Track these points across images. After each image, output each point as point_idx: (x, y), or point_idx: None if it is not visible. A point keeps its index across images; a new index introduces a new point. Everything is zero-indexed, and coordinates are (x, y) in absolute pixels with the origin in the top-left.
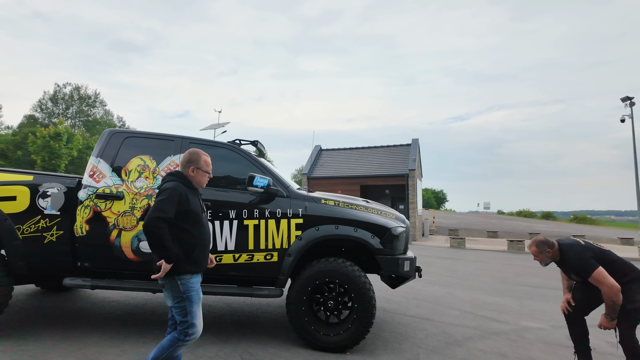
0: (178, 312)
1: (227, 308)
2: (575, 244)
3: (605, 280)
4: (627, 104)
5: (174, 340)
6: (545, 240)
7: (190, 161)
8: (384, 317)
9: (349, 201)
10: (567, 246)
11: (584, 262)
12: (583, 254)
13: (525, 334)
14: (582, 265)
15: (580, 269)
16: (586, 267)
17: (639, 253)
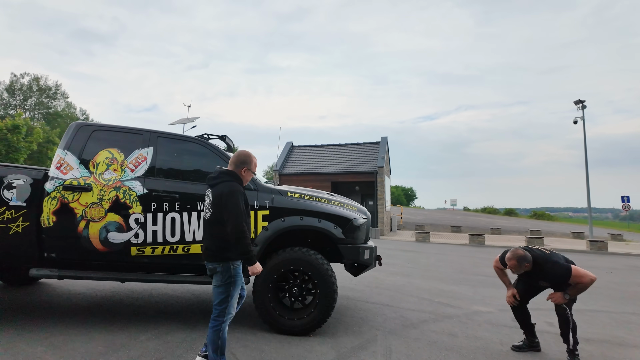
0: (221, 292)
1: (194, 298)
2: (550, 256)
3: (583, 275)
4: (579, 106)
5: (216, 327)
6: (524, 256)
7: (244, 162)
8: (347, 304)
9: (313, 194)
10: (542, 259)
11: (562, 270)
12: (558, 263)
13: (475, 317)
14: (562, 274)
15: (560, 277)
16: (565, 272)
17: (586, 246)
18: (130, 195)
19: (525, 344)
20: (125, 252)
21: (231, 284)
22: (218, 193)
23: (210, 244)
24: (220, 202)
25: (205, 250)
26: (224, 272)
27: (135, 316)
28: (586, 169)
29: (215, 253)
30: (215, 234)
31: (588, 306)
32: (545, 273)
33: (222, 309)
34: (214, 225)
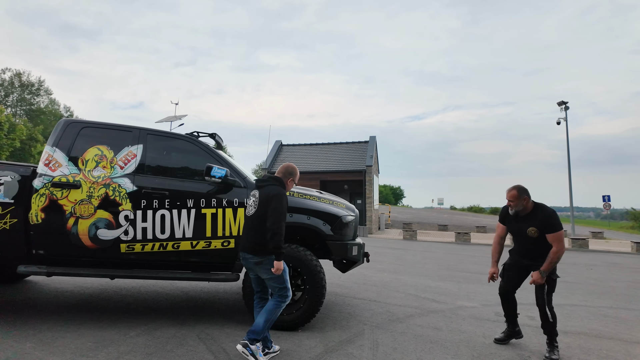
0: (276, 281)
1: (184, 295)
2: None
3: (562, 240)
4: (562, 108)
5: (277, 303)
6: (525, 189)
7: (291, 174)
8: (335, 300)
9: (303, 192)
10: (542, 204)
11: (556, 219)
12: (557, 215)
13: (459, 311)
14: (554, 221)
15: (551, 223)
16: (557, 224)
17: (568, 243)
18: (120, 192)
19: (506, 335)
20: (115, 249)
21: (283, 271)
22: (266, 193)
23: (257, 238)
24: (268, 201)
25: (249, 244)
26: (270, 262)
27: (124, 313)
28: (569, 169)
29: (261, 247)
30: (260, 230)
31: (568, 301)
32: (541, 216)
33: (285, 293)
34: (259, 222)
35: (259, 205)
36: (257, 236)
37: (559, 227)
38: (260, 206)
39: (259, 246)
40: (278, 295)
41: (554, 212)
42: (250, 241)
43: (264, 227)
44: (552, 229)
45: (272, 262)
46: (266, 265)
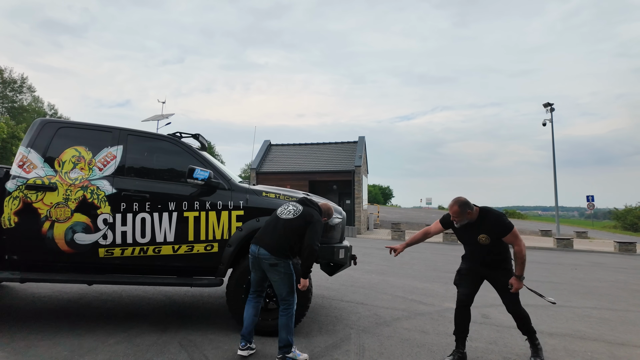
0: (287, 284)
1: (167, 300)
2: (494, 209)
3: (520, 237)
4: (548, 109)
5: (287, 314)
6: (467, 202)
7: (329, 215)
8: (322, 303)
9: (289, 194)
10: (487, 208)
11: (505, 220)
12: (504, 216)
13: (446, 313)
14: (504, 223)
15: (501, 226)
16: (506, 224)
17: (553, 243)
18: (99, 195)
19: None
20: (93, 254)
21: (292, 275)
22: (311, 213)
23: (282, 241)
24: (310, 220)
25: (272, 242)
26: (285, 267)
27: (103, 319)
28: (554, 170)
29: (282, 251)
30: (287, 237)
31: None
32: (488, 222)
33: (292, 299)
34: (292, 231)
35: (298, 217)
36: (282, 240)
37: (510, 226)
38: (299, 219)
39: (281, 249)
40: (285, 304)
41: (500, 215)
42: (275, 241)
43: (292, 236)
44: (504, 231)
45: (287, 266)
46: (280, 269)
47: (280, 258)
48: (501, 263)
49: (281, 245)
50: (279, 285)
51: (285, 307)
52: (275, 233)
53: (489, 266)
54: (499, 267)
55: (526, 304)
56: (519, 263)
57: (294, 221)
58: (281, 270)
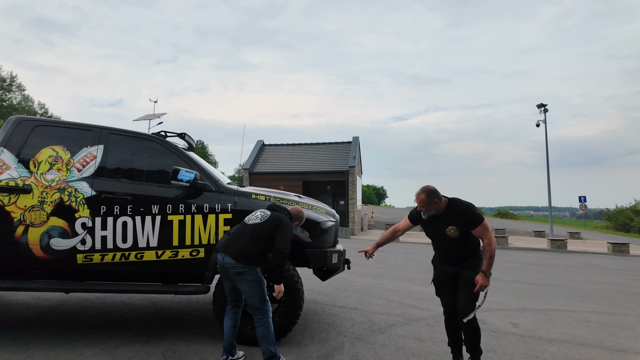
0: (257, 293)
1: (152, 307)
2: (463, 200)
3: (490, 231)
4: (541, 110)
5: (263, 325)
6: (435, 190)
7: (300, 219)
8: (315, 308)
9: (280, 196)
10: (456, 199)
11: (475, 211)
12: (473, 206)
13: (441, 319)
14: (474, 214)
15: (470, 217)
16: (476, 215)
17: (547, 244)
18: (77, 197)
19: None
20: (71, 260)
21: (261, 282)
22: (279, 217)
23: (247, 246)
24: (279, 224)
25: (237, 248)
26: (252, 274)
27: (84, 328)
28: (547, 171)
29: (249, 258)
30: (254, 241)
31: (550, 305)
32: (457, 213)
33: (265, 308)
34: (260, 237)
35: (266, 222)
36: (248, 244)
37: (480, 218)
38: (266, 223)
39: (246, 253)
40: (258, 314)
41: (469, 205)
42: (240, 246)
43: (259, 241)
44: (475, 222)
45: (255, 272)
46: (247, 277)
47: (246, 266)
48: (470, 258)
49: (248, 252)
50: (248, 295)
51: (260, 316)
52: (240, 239)
53: (458, 263)
54: (466, 262)
55: (523, 308)
56: (487, 257)
57: (261, 225)
58: (248, 278)
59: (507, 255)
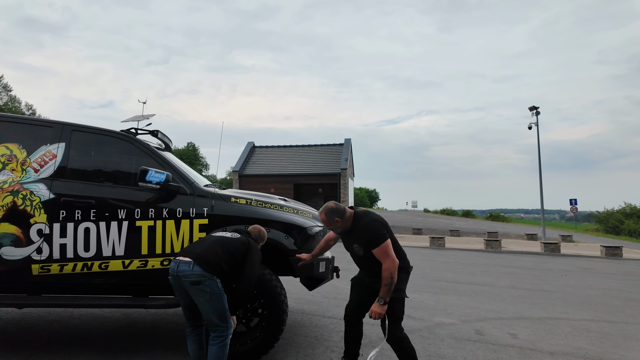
0: (216, 307)
1: (125, 319)
2: (372, 213)
3: (390, 254)
4: (533, 112)
5: (222, 342)
6: (335, 209)
7: (262, 239)
8: (302, 319)
9: (262, 199)
10: (362, 212)
11: (378, 230)
12: (378, 223)
13: (437, 330)
14: (374, 233)
15: (372, 236)
16: (377, 235)
17: (540, 248)
18: (32, 200)
19: None
20: (25, 271)
21: (221, 295)
22: (246, 241)
23: (213, 253)
24: (249, 249)
25: (203, 253)
26: (211, 285)
27: (45, 346)
28: (540, 172)
29: (212, 264)
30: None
31: (549, 313)
32: (360, 230)
33: (225, 326)
34: (227, 249)
35: (236, 240)
36: (213, 249)
37: (381, 239)
38: (237, 241)
39: (210, 258)
40: (217, 331)
41: (372, 222)
42: (204, 249)
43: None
44: (374, 242)
45: (215, 284)
46: (205, 287)
47: (206, 273)
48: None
49: (212, 258)
50: (206, 310)
51: (217, 334)
52: (204, 243)
53: (373, 277)
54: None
55: (521, 316)
56: (383, 283)
57: (230, 240)
58: (206, 289)
59: (501, 259)
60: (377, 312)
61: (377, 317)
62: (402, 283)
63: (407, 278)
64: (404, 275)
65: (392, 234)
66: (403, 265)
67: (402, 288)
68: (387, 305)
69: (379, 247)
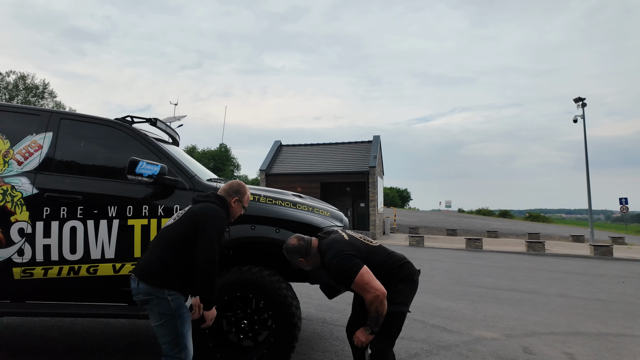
0: (167, 331)
1: (128, 327)
2: (335, 243)
3: (370, 286)
4: (579, 104)
5: None
6: (296, 247)
7: (237, 192)
8: (322, 330)
9: (272, 195)
10: (326, 245)
11: (344, 264)
12: (342, 255)
13: (477, 346)
14: (342, 269)
15: (340, 273)
16: (347, 271)
17: (589, 250)
18: (14, 196)
19: None
20: (6, 275)
21: (173, 317)
22: (201, 208)
23: (153, 260)
24: (197, 222)
25: (144, 265)
26: (160, 305)
27: (37, 355)
28: (587, 168)
29: (154, 276)
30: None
31: (609, 328)
32: (327, 268)
33: (178, 355)
34: (171, 243)
35: (181, 219)
36: (153, 254)
37: (352, 272)
38: (182, 222)
39: (151, 268)
40: (171, 358)
41: (335, 256)
42: (146, 260)
43: (169, 249)
44: (346, 278)
45: (165, 303)
46: (154, 307)
47: (153, 289)
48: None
49: (152, 267)
50: (157, 333)
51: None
52: (152, 251)
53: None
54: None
55: (576, 331)
56: (370, 315)
57: (172, 228)
58: (155, 310)
59: (545, 263)
60: (361, 340)
61: (360, 344)
62: (402, 295)
63: (411, 287)
64: (404, 286)
65: (372, 251)
66: (403, 276)
67: (402, 301)
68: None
69: (354, 282)
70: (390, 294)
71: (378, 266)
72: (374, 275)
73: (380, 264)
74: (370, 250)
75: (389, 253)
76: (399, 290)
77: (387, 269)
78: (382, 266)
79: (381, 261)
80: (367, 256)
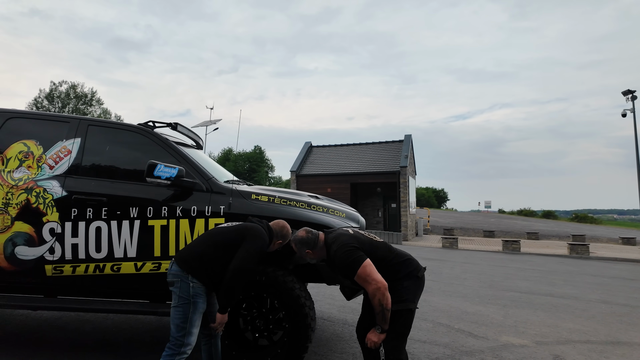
0: (178, 314)
1: (156, 322)
2: (341, 236)
3: (371, 278)
4: (628, 97)
5: (168, 356)
6: (304, 239)
7: (283, 236)
8: (342, 332)
9: (288, 196)
10: (332, 239)
11: (348, 256)
12: (346, 247)
13: (504, 353)
14: (346, 261)
15: (345, 265)
16: (351, 263)
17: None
18: (45, 198)
19: None
20: (39, 272)
21: (188, 304)
22: (252, 227)
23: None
24: (245, 235)
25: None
26: (181, 288)
27: (60, 353)
28: (638, 165)
29: (189, 261)
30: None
31: None
32: (333, 259)
33: (182, 341)
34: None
35: (233, 228)
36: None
37: (356, 264)
38: (233, 231)
39: (188, 254)
40: (171, 344)
41: (339, 248)
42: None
43: (213, 246)
44: (350, 270)
45: (186, 288)
46: (175, 289)
47: (180, 272)
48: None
49: (190, 254)
50: (172, 316)
51: (170, 346)
52: (197, 243)
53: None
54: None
55: (617, 341)
56: (375, 311)
57: (222, 230)
58: (176, 292)
59: (589, 267)
60: (373, 340)
61: (372, 345)
62: (408, 292)
63: (417, 284)
64: (409, 282)
65: (376, 246)
66: (407, 272)
67: (408, 298)
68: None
69: (357, 274)
70: (396, 291)
71: (382, 260)
72: (377, 269)
73: (384, 258)
74: (375, 244)
75: (392, 249)
76: (405, 287)
77: (391, 263)
78: (386, 260)
79: (385, 255)
80: (371, 250)
